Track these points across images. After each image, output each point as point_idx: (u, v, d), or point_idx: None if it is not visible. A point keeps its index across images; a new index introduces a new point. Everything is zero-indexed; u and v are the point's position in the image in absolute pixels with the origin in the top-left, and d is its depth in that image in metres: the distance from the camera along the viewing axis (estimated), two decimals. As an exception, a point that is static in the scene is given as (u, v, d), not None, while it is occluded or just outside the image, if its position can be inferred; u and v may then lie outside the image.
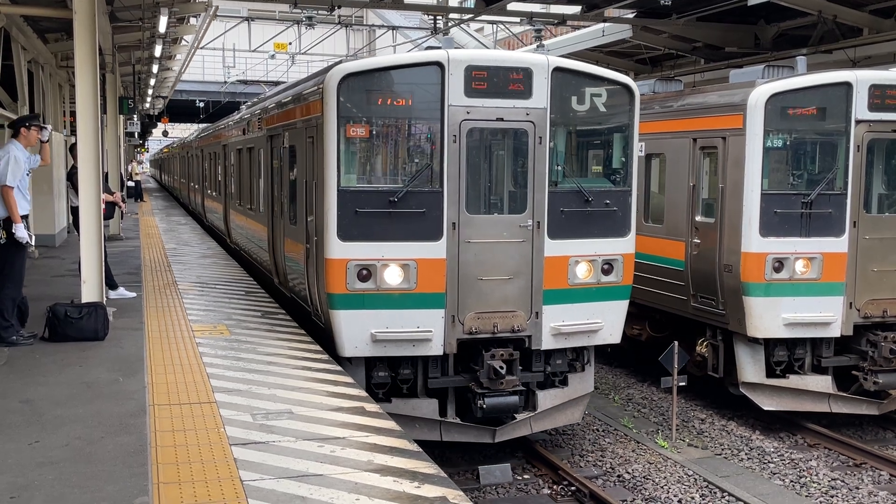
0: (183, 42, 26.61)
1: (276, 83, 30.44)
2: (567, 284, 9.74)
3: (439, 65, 9.21)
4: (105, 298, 10.69)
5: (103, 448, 6.22)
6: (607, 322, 10.03)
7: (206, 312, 11.54)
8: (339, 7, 19.68)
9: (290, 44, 34.89)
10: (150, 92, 37.42)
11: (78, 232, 10.75)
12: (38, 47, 18.72)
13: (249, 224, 15.68)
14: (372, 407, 7.40)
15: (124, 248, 18.78)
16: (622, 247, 10.02)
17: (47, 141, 10.28)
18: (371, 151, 9.67)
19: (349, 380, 8.29)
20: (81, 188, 10.49)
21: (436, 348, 9.37)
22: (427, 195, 9.24)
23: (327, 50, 35.11)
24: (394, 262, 9.14)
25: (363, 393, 7.84)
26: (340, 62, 9.65)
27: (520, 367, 9.64)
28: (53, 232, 19.29)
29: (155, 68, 27.17)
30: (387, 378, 9.52)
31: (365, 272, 9.12)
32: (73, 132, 13.93)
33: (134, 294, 12.61)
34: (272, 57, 37.40)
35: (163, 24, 17.39)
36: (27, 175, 9.72)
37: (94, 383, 7.96)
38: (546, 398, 10.05)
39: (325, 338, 9.72)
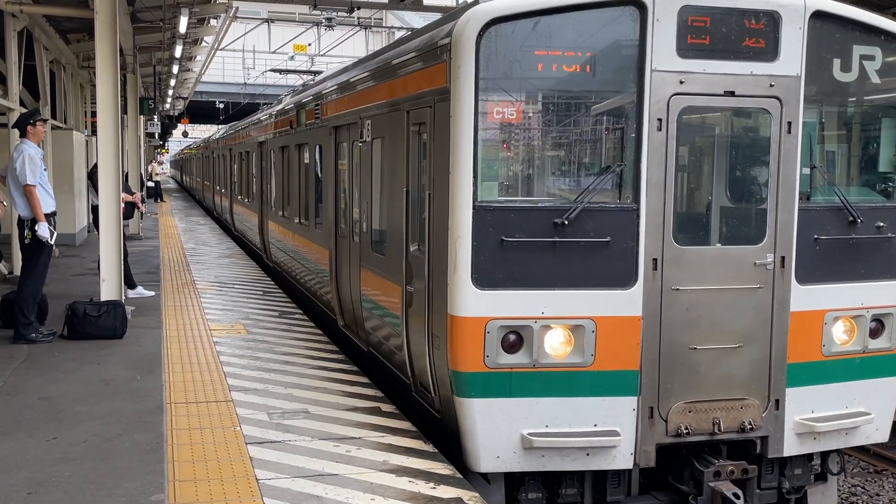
0: (203, 43, 26.75)
1: (315, 73, 26.45)
2: (821, 355, 6.54)
3: (639, 5, 6.00)
4: (124, 297, 10.78)
5: (121, 445, 6.25)
6: (875, 411, 6.77)
7: (223, 312, 11.58)
8: (359, 8, 19.73)
9: (310, 45, 35.05)
10: (170, 93, 37.66)
11: (98, 231, 10.84)
12: (60, 47, 18.87)
13: (299, 243, 12.48)
14: (388, 407, 7.39)
15: (143, 248, 18.89)
16: None
17: None
18: (525, 146, 6.48)
19: (365, 380, 8.27)
20: (101, 188, 10.59)
21: (622, 459, 6.18)
22: (614, 215, 6.10)
23: (346, 52, 35.24)
24: (559, 321, 6.03)
25: (379, 393, 7.83)
26: (476, 2, 6.23)
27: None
28: (74, 231, 19.44)
29: (175, 69, 27.34)
30: (541, 501, 6.36)
31: (514, 338, 6.00)
32: (95, 132, 14.03)
33: (152, 293, 12.67)
34: (291, 58, 37.61)
35: (183, 24, 17.50)
36: (45, 170, 9.77)
37: (113, 381, 8.00)
38: None
39: (442, 434, 6.65)
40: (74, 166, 19.44)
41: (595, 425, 6.14)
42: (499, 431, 6.07)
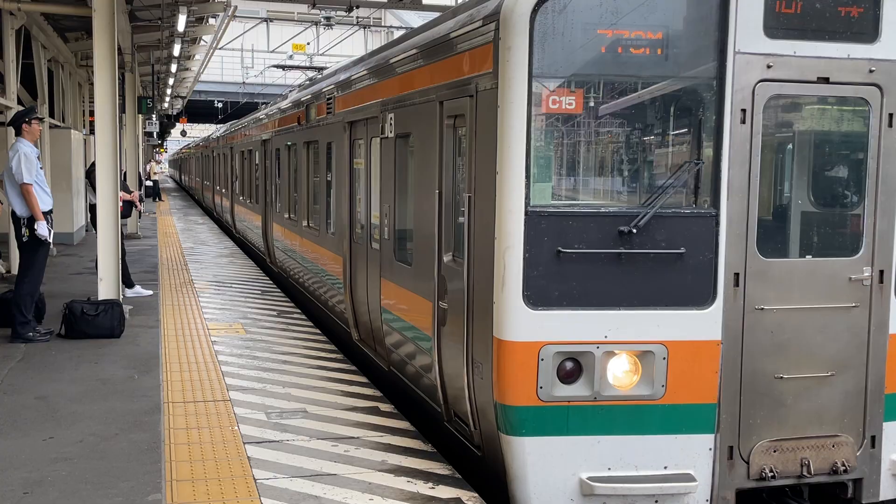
0: (202, 42, 26.73)
1: (319, 69, 24.88)
2: None
3: None
4: (121, 296, 10.74)
5: (117, 445, 6.21)
6: None
7: (221, 311, 11.55)
8: (358, 7, 19.68)
9: (308, 44, 35.01)
10: (168, 92, 37.65)
11: (95, 230, 10.81)
12: (59, 46, 18.84)
13: (307, 248, 11.63)
14: (386, 407, 7.36)
15: (142, 247, 18.86)
16: None
17: None
18: (585, 140, 5.62)
19: (364, 379, 8.24)
20: (99, 187, 10.57)
21: None
22: (689, 222, 5.31)
23: (345, 51, 35.22)
24: (625, 346, 5.27)
25: (378, 392, 7.79)
26: None
27: None
28: (72, 230, 19.41)
29: (174, 68, 27.32)
30: None
31: (571, 366, 5.26)
32: (93, 131, 14.02)
33: (150, 292, 12.64)
34: (290, 58, 37.57)
35: (181, 23, 17.47)
36: (41, 169, 9.73)
37: (110, 380, 7.97)
38: None
39: (482, 473, 5.94)
40: (72, 165, 19.40)
41: (665, 468, 5.35)
42: (553, 475, 5.28)
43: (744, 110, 5.25)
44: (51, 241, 9.53)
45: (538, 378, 5.18)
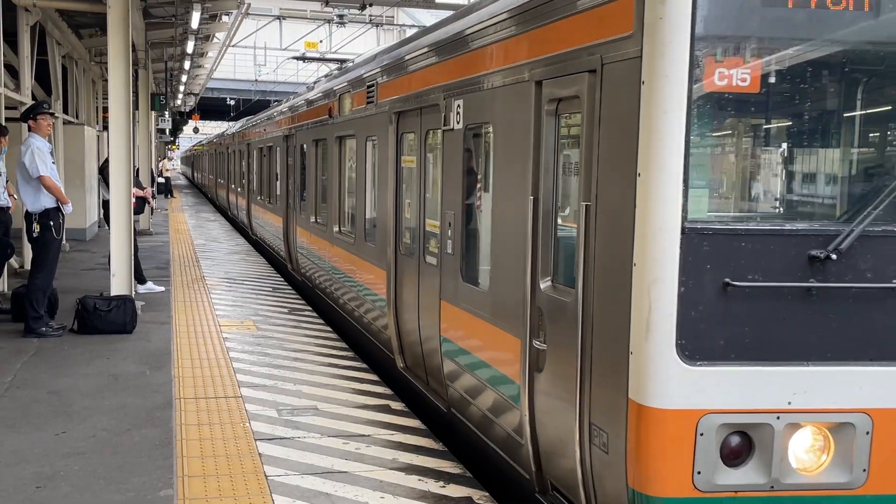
0: (215, 39, 26.76)
1: (342, 61, 24.43)
2: None
3: None
4: (134, 292, 10.78)
5: (129, 440, 6.23)
6: None
7: (233, 308, 11.57)
8: (371, 5, 19.67)
9: (321, 42, 35.09)
10: (181, 89, 37.71)
11: (108, 226, 10.86)
12: (73, 42, 18.92)
13: (339, 257, 10.41)
14: (398, 405, 7.36)
15: (154, 244, 18.92)
16: None
17: None
18: (759, 131, 4.34)
19: (375, 377, 8.23)
20: (112, 183, 10.61)
21: None
22: None
23: (358, 50, 35.28)
24: (812, 416, 3.95)
25: (389, 391, 7.79)
26: None
27: None
28: (84, 226, 19.47)
29: (187, 65, 27.35)
30: None
31: (738, 441, 3.94)
32: (106, 127, 14.06)
33: (162, 288, 12.68)
34: (303, 55, 37.68)
35: (195, 20, 17.49)
36: (53, 164, 9.78)
37: (122, 376, 7.99)
38: None
39: None
40: (86, 161, 19.49)
41: None
42: None
43: None
44: (69, 211, 9.64)
45: (695, 460, 3.85)
